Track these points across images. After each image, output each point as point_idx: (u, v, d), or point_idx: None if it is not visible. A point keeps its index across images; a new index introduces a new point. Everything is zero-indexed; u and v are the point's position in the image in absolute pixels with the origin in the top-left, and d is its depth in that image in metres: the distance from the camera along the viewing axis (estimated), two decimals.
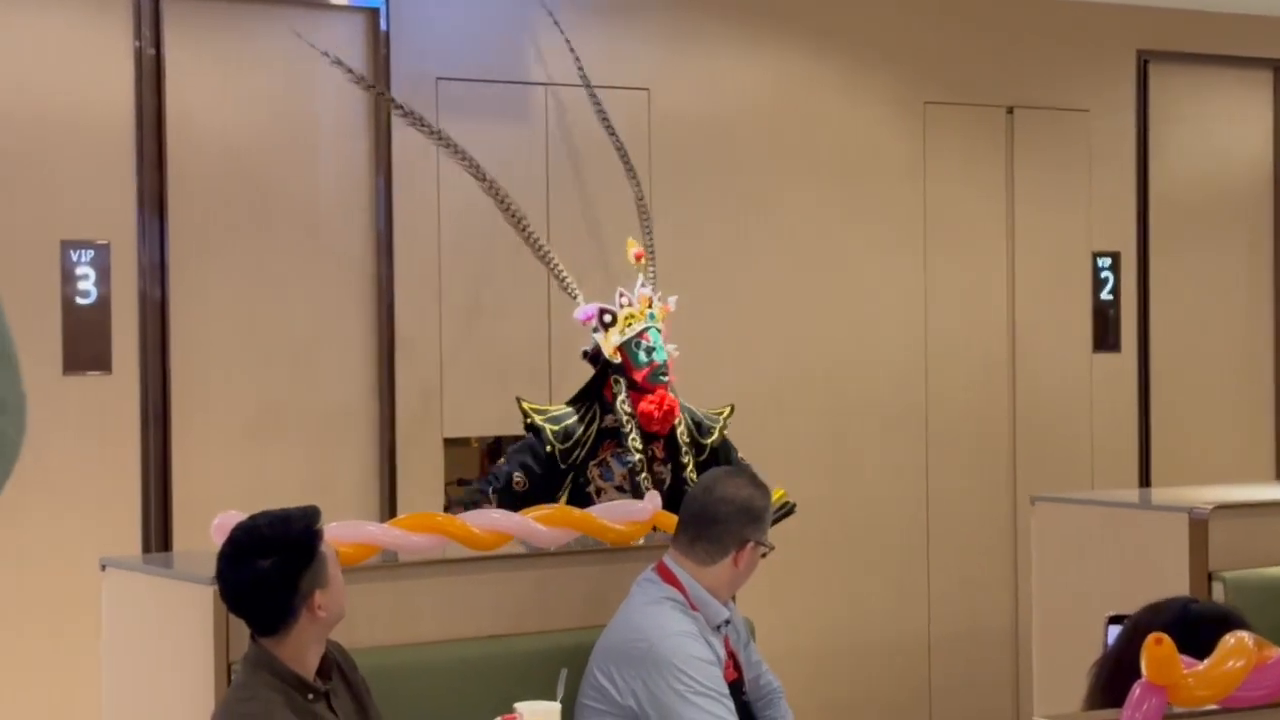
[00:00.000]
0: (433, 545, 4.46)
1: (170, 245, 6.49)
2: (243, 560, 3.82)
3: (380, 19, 6.84)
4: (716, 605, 4.44)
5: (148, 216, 6.45)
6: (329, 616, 3.86)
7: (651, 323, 6.08)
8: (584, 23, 7.18)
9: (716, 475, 4.61)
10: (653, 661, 4.28)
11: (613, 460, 6.01)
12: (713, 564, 4.43)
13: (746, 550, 4.44)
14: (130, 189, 6.43)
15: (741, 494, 4.46)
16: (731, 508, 4.43)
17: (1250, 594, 5.53)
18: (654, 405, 5.96)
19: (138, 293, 6.43)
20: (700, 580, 4.42)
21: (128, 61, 6.43)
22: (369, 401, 6.85)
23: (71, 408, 6.34)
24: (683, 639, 4.32)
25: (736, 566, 4.44)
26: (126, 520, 6.40)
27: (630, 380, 5.98)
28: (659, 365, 5.98)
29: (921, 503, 7.95)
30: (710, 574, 4.43)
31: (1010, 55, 8.17)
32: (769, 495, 4.57)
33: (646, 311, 6.09)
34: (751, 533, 4.45)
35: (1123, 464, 8.42)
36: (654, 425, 5.99)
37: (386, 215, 6.83)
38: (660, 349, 6.02)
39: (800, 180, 7.66)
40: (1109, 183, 8.42)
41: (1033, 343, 8.23)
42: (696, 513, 4.45)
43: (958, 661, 8.01)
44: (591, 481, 5.99)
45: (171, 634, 4.36)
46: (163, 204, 6.47)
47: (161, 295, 6.47)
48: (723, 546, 4.43)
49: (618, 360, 5.99)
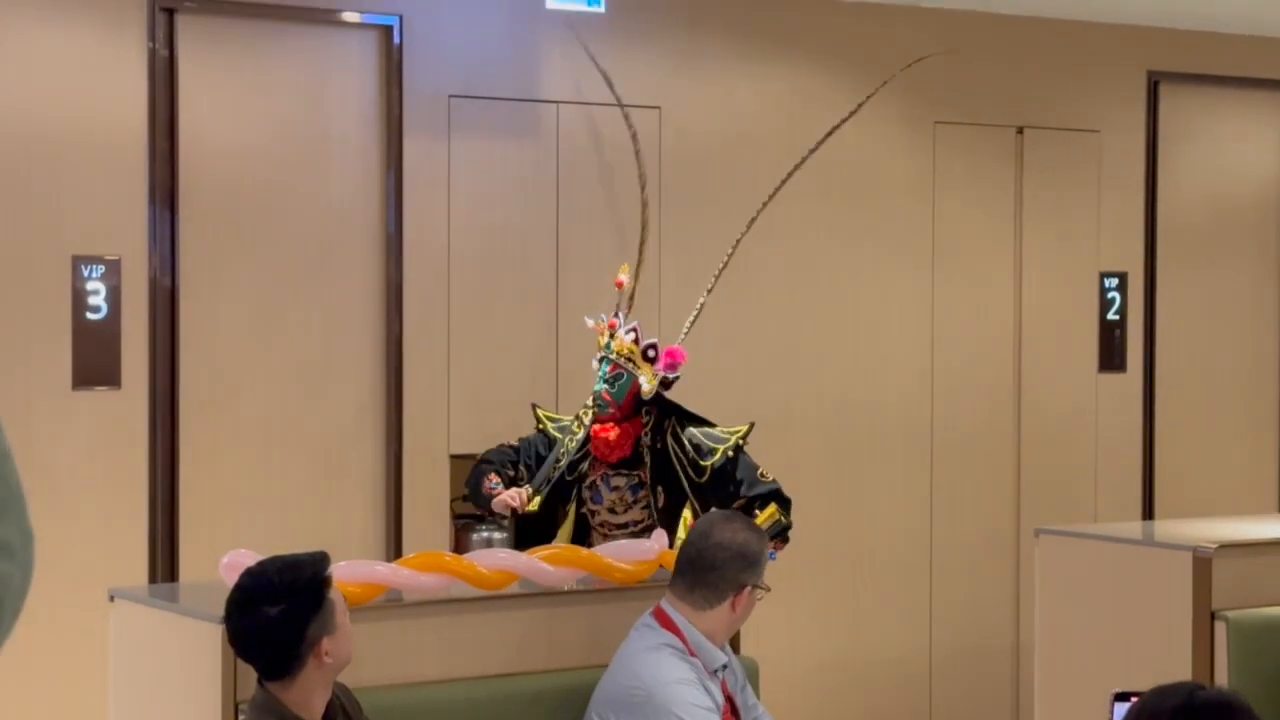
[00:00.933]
0: (440, 585, 4.47)
1: (181, 261, 6.51)
2: (251, 607, 3.84)
3: (393, 36, 6.85)
4: (714, 650, 4.45)
5: (159, 232, 6.47)
6: (336, 663, 3.88)
7: (606, 352, 6.08)
8: (596, 42, 7.19)
9: (713, 520, 4.62)
10: (651, 709, 4.30)
11: (601, 484, 6.04)
12: (710, 609, 4.44)
13: (744, 595, 4.46)
14: (142, 205, 6.45)
15: (738, 539, 4.48)
16: (728, 553, 4.45)
17: (1253, 634, 5.56)
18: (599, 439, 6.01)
19: (148, 308, 6.45)
20: (698, 625, 4.44)
21: (141, 78, 6.45)
22: (376, 417, 6.87)
23: (81, 422, 6.37)
24: (681, 686, 4.34)
25: (734, 611, 4.46)
26: (134, 534, 6.42)
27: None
28: (595, 394, 6.01)
29: (926, 521, 7.97)
30: (708, 619, 4.45)
31: (1020, 76, 8.17)
32: (765, 539, 4.59)
33: (605, 340, 6.10)
34: (748, 577, 4.47)
35: (1127, 484, 8.43)
36: (601, 455, 6.02)
37: (396, 231, 6.84)
38: (601, 381, 6.02)
39: (810, 200, 7.67)
40: (1118, 203, 8.43)
41: (1039, 362, 8.25)
42: (693, 558, 4.47)
43: (959, 683, 8.03)
44: (585, 503, 6.03)
45: (180, 670, 4.39)
46: (174, 220, 6.50)
47: (171, 311, 6.50)
48: (720, 592, 4.44)
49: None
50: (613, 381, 6.00)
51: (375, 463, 6.86)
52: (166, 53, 6.48)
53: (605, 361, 6.04)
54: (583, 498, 6.03)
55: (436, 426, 6.93)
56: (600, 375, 6.02)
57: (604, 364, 6.04)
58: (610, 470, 6.01)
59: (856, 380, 7.81)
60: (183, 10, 6.50)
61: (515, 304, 7.04)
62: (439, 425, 6.94)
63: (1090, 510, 8.29)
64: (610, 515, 6.01)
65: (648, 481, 6.02)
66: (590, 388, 6.13)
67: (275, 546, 6.38)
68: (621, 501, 6.01)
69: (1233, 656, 5.49)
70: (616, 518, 6.01)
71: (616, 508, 6.00)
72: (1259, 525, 6.42)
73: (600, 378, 6.02)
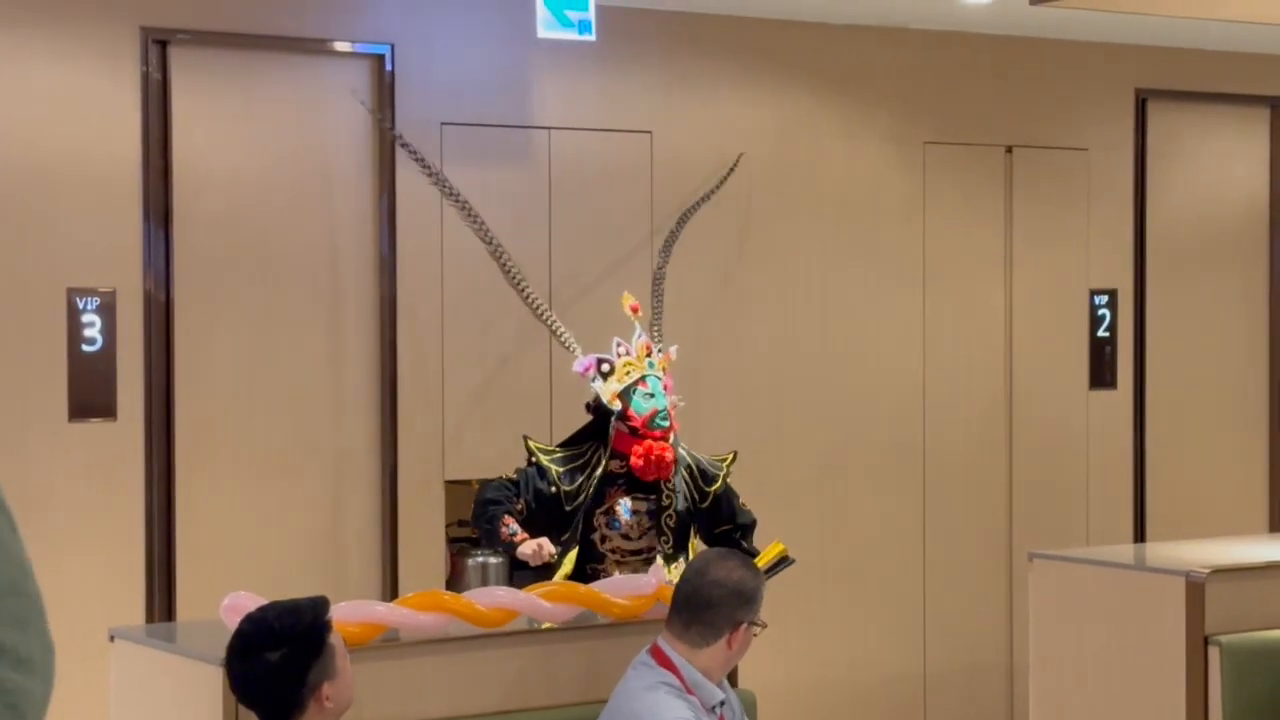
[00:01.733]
0: (439, 624, 4.50)
1: (176, 292, 6.53)
2: (252, 653, 3.87)
3: (386, 64, 6.88)
4: (711, 687, 4.47)
5: (154, 264, 6.49)
6: (337, 707, 3.91)
7: (650, 370, 6.12)
8: (586, 67, 7.23)
9: (709, 558, 4.64)
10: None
11: (620, 509, 6.05)
12: (707, 646, 4.46)
13: (740, 632, 4.48)
14: (136, 236, 6.47)
15: (734, 577, 4.49)
16: (724, 591, 4.47)
17: (1246, 658, 5.59)
18: (642, 459, 6.00)
19: (143, 340, 6.48)
20: (694, 663, 4.46)
21: (134, 109, 6.47)
22: (371, 444, 6.90)
23: (76, 454, 6.39)
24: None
25: (730, 649, 4.48)
26: (131, 566, 6.45)
27: (631, 428, 6.02)
28: (659, 410, 6.02)
29: (918, 540, 8.00)
30: (704, 656, 4.46)
31: (1009, 95, 8.21)
32: (760, 577, 4.59)
33: (645, 359, 6.14)
34: (744, 614, 4.48)
35: (1118, 500, 8.46)
36: (648, 475, 6.03)
37: (390, 260, 6.87)
38: (660, 395, 6.05)
39: (801, 219, 7.71)
40: (1107, 220, 8.46)
41: (1030, 379, 8.28)
42: (689, 595, 4.49)
43: (954, 703, 8.06)
44: (598, 529, 6.03)
45: (181, 713, 4.41)
46: (168, 251, 6.52)
47: (167, 341, 6.52)
48: (716, 630, 4.46)
49: (618, 407, 6.03)
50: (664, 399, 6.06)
51: (371, 489, 6.88)
52: (160, 84, 6.50)
53: (654, 380, 6.07)
54: (595, 524, 6.03)
55: (431, 452, 6.96)
56: (653, 393, 6.04)
57: (653, 381, 6.07)
58: (629, 495, 6.03)
59: (848, 399, 7.84)
60: (175, 42, 6.53)
61: (509, 329, 7.07)
62: (434, 451, 6.96)
63: (1083, 527, 8.32)
64: (624, 542, 6.02)
65: (669, 506, 6.05)
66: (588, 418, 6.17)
67: (273, 575, 6.47)
68: (639, 527, 6.03)
69: (1226, 681, 5.52)
70: (631, 544, 6.03)
71: (632, 534, 6.02)
72: (1251, 547, 6.45)
73: (654, 395, 6.03)
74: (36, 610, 1.96)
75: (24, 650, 1.92)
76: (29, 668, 1.92)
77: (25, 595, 1.95)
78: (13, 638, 1.93)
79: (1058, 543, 7.79)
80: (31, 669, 1.92)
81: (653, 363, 6.13)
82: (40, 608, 1.97)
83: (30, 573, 1.97)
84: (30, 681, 1.92)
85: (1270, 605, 5.72)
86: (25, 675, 1.91)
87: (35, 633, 1.95)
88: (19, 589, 1.95)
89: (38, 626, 1.96)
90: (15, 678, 1.92)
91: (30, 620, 1.94)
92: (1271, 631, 5.67)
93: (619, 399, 6.04)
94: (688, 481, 6.12)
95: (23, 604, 1.94)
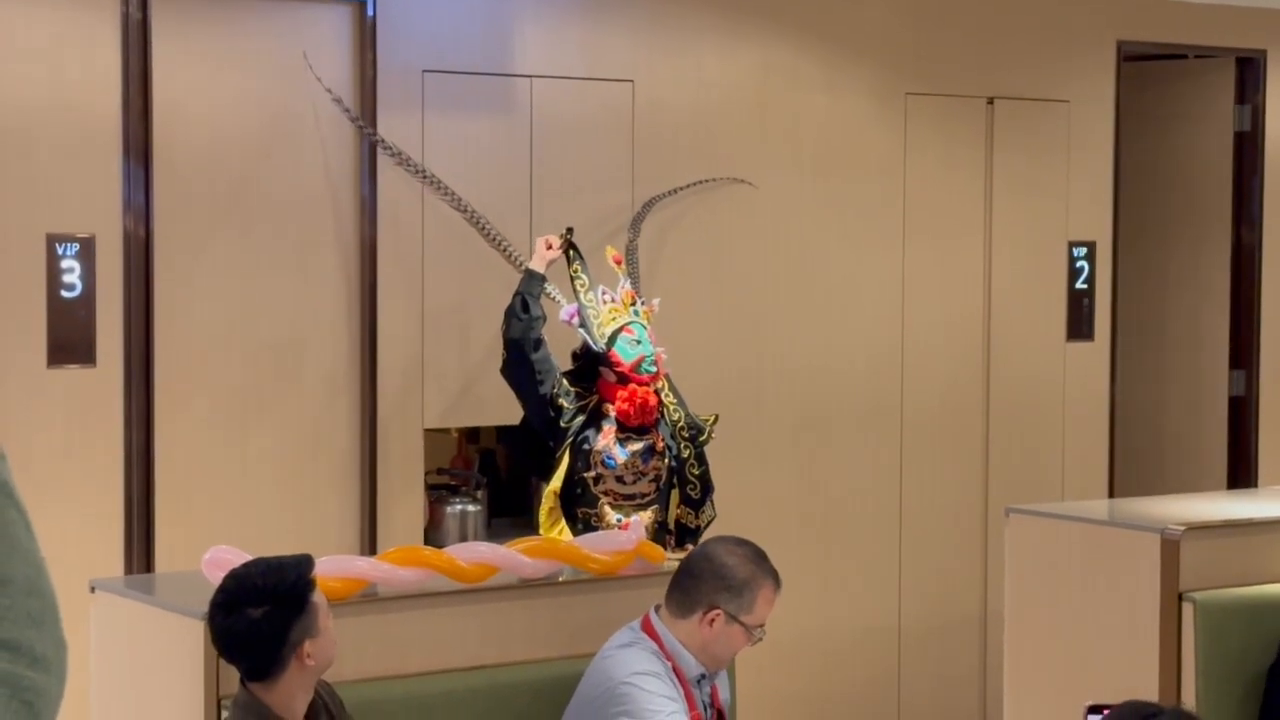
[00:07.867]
0: (420, 579, 4.52)
1: (156, 238, 6.50)
2: (235, 609, 3.89)
3: (367, 9, 6.84)
4: (690, 659, 4.47)
5: (133, 207, 6.47)
6: (318, 665, 3.94)
7: (635, 318, 6.15)
8: (567, 15, 7.20)
9: (719, 538, 4.68)
10: (611, 697, 4.34)
11: (617, 448, 6.07)
12: (683, 619, 4.47)
13: (715, 618, 4.45)
14: (116, 182, 6.44)
15: (724, 560, 4.49)
16: (709, 566, 4.49)
17: (1220, 614, 5.64)
18: (627, 403, 6.03)
19: (122, 286, 6.46)
20: (674, 633, 4.47)
21: (114, 54, 6.43)
22: (351, 391, 6.89)
23: (55, 400, 6.38)
24: (644, 677, 4.35)
25: (705, 631, 4.45)
26: (110, 512, 6.44)
27: (619, 373, 6.06)
28: (646, 356, 6.06)
29: (895, 494, 8.02)
30: (682, 628, 4.47)
31: (990, 47, 8.20)
32: (756, 574, 4.53)
33: (630, 307, 6.17)
34: (722, 600, 4.45)
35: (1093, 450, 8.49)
36: (632, 421, 6.06)
37: (371, 206, 6.85)
38: (647, 342, 6.09)
39: (782, 172, 7.70)
40: (1087, 173, 8.48)
41: (1008, 332, 8.31)
42: (683, 564, 4.54)
43: (928, 653, 8.11)
44: (594, 467, 6.04)
45: (163, 665, 4.43)
46: (148, 197, 6.49)
47: (146, 288, 6.50)
48: (691, 603, 4.46)
49: (614, 326, 6.10)
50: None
51: (350, 436, 6.88)
52: (140, 25, 6.46)
53: (639, 326, 6.12)
54: (591, 461, 6.05)
55: (411, 400, 6.96)
56: (639, 340, 6.08)
57: (639, 329, 6.11)
58: (623, 434, 6.05)
59: (826, 351, 7.85)
60: None
61: (489, 278, 7.06)
62: (413, 398, 6.96)
63: (1058, 477, 8.36)
64: (618, 485, 6.04)
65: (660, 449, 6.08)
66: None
67: (251, 523, 6.48)
68: (632, 468, 6.05)
69: (1200, 637, 5.57)
70: (625, 487, 6.04)
71: (626, 476, 6.04)
72: (1227, 504, 6.51)
73: (641, 341, 6.08)
74: (51, 609, 2.01)
75: (40, 649, 1.97)
76: (44, 666, 1.97)
77: (41, 595, 2.00)
78: (30, 636, 1.97)
79: (1034, 496, 7.84)
80: (47, 667, 1.97)
81: (638, 310, 6.18)
82: (55, 606, 2.02)
83: (46, 572, 2.02)
84: (45, 679, 1.97)
85: (1245, 562, 5.77)
86: (41, 673, 1.96)
87: (50, 631, 2.00)
88: (36, 589, 2.00)
89: (52, 625, 2.01)
90: (32, 675, 1.96)
91: (46, 619, 1.99)
92: (1245, 588, 5.73)
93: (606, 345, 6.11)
94: (675, 430, 6.20)
95: (39, 604, 1.99)
